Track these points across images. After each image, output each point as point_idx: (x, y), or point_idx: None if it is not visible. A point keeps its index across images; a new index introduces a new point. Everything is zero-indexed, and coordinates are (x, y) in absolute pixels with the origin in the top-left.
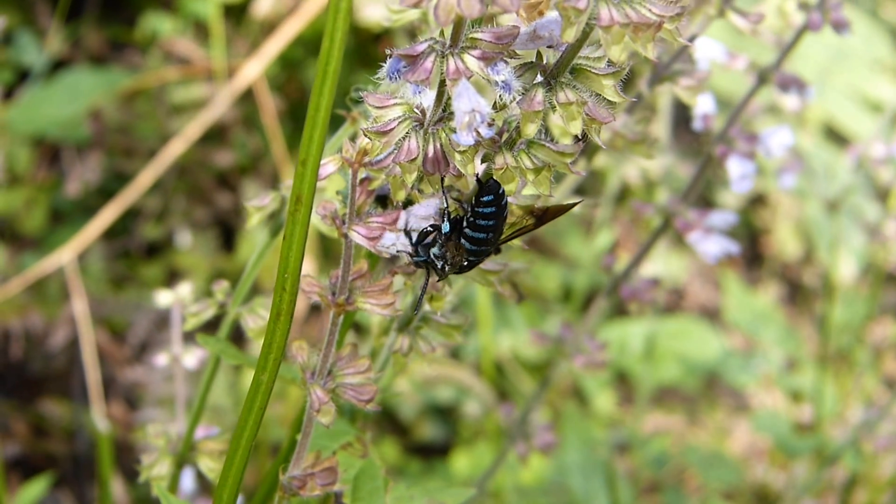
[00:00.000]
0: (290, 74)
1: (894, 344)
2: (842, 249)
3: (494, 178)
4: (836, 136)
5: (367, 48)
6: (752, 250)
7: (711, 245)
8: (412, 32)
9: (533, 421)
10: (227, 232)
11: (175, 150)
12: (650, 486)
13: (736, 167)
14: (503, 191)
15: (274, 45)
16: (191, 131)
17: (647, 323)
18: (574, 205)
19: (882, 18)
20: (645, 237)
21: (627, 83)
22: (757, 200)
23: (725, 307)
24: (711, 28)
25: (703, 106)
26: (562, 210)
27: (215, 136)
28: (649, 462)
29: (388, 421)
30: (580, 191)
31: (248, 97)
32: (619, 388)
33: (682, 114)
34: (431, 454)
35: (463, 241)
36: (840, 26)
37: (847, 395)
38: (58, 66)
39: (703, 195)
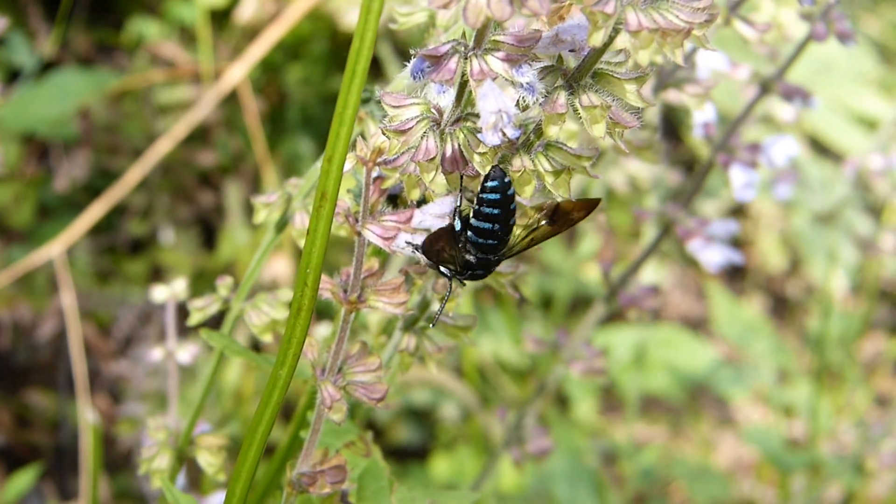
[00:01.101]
0: (270, 78)
1: (887, 360)
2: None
3: (500, 166)
4: (820, 148)
5: (344, 52)
6: None
7: (714, 254)
8: (390, 35)
9: (527, 426)
10: (208, 230)
11: (161, 149)
12: (636, 497)
13: (739, 176)
14: (509, 179)
15: (257, 50)
16: (177, 131)
17: (631, 332)
18: (597, 201)
19: (863, 32)
20: (624, 245)
21: None
22: (738, 211)
23: (713, 318)
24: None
25: (704, 114)
26: (584, 207)
27: (198, 136)
28: (638, 474)
29: (362, 423)
30: None
31: (230, 99)
32: (602, 395)
33: (668, 122)
34: (406, 457)
35: (470, 234)
36: (845, 37)
37: (839, 411)
38: (47, 66)
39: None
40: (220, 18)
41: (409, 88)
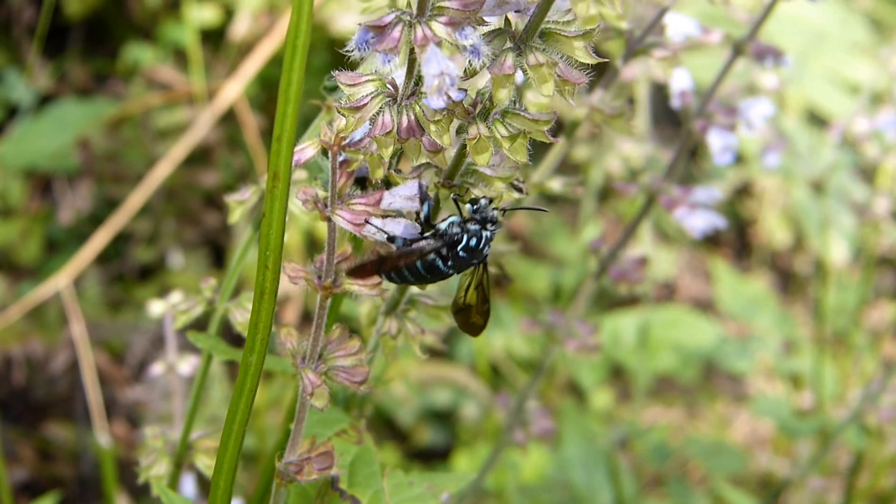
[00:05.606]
0: (270, 94)
1: (892, 326)
2: (832, 232)
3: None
4: (818, 121)
5: (343, 62)
6: (740, 241)
7: (698, 220)
8: None
9: (529, 409)
10: (216, 250)
11: (161, 172)
12: (653, 479)
13: (717, 140)
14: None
15: (251, 66)
16: (175, 153)
17: (639, 314)
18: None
19: (854, 10)
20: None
21: (605, 64)
22: (742, 191)
23: (718, 296)
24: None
25: (679, 82)
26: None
27: (200, 158)
28: (649, 452)
29: (387, 427)
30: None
31: (230, 118)
32: (616, 383)
33: (663, 106)
34: (432, 459)
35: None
36: None
37: (846, 378)
38: (45, 100)
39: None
40: (216, 38)
41: (369, 68)
